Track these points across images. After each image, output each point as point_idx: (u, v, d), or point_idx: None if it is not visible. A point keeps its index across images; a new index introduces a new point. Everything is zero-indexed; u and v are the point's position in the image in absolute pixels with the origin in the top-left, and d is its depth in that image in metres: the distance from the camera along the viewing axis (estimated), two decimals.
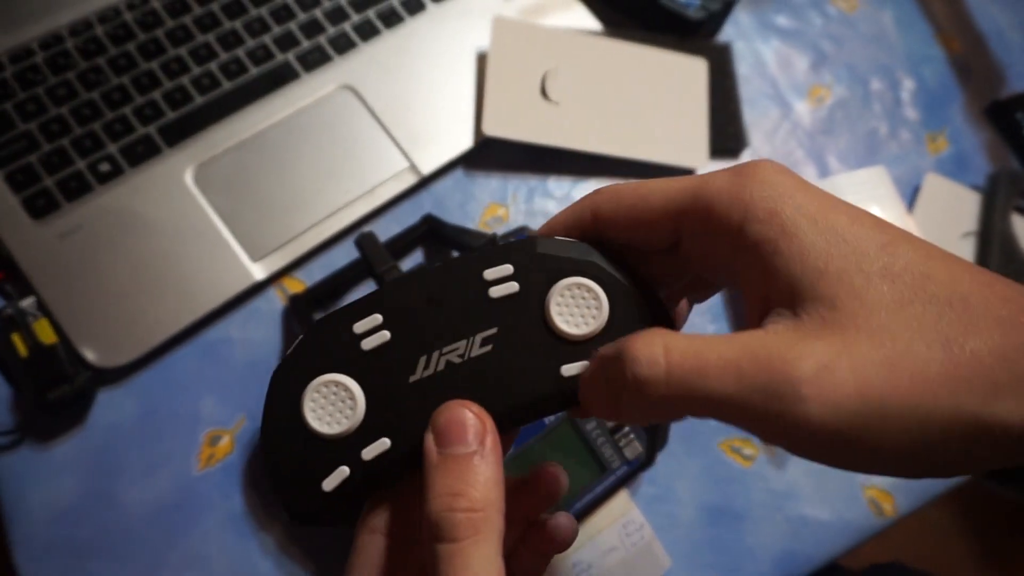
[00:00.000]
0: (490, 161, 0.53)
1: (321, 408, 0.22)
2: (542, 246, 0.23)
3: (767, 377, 0.17)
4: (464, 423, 0.21)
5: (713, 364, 0.17)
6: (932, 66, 0.62)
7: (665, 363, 0.18)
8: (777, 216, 0.19)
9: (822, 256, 0.18)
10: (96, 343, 0.43)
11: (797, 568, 0.46)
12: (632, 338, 0.19)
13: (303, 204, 0.48)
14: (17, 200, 0.45)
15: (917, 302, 0.17)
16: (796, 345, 0.17)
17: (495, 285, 0.23)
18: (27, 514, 0.42)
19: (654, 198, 0.21)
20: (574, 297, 0.22)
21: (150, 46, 0.50)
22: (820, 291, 0.18)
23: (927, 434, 0.17)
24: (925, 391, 0.16)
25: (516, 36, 0.53)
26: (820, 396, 0.16)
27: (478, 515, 0.20)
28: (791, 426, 0.17)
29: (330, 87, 0.51)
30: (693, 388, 0.18)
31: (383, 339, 0.22)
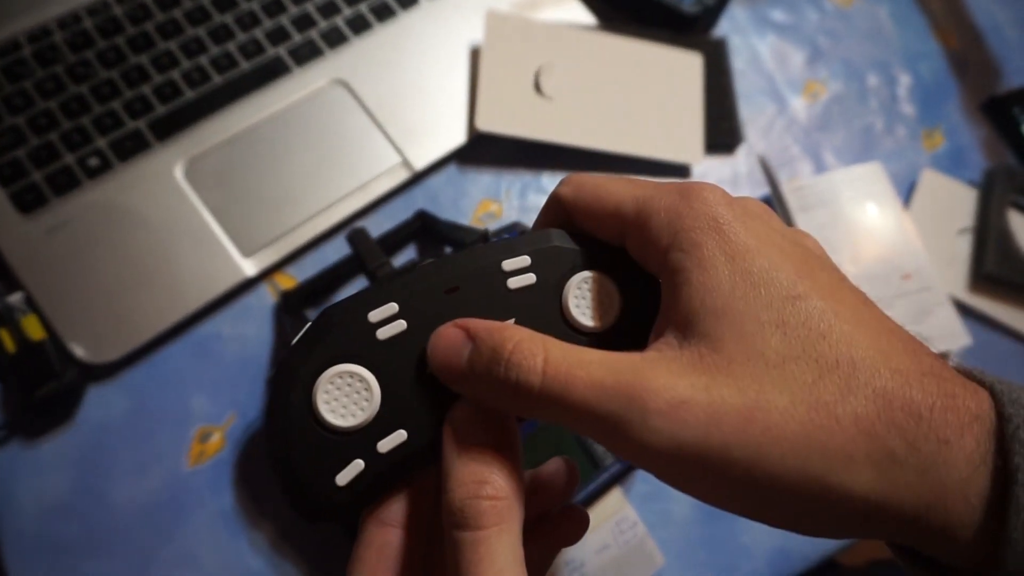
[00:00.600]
0: (483, 156, 0.52)
1: (335, 400, 0.21)
2: (558, 239, 0.23)
3: (624, 402, 0.18)
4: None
5: (580, 380, 0.18)
6: (928, 62, 0.62)
7: (542, 370, 0.19)
8: (698, 248, 0.19)
9: (724, 296, 0.18)
10: (85, 339, 0.43)
11: (792, 566, 0.45)
12: (518, 332, 0.20)
13: (294, 199, 0.47)
14: (5, 194, 0.45)
15: (800, 360, 0.18)
16: (662, 376, 0.18)
17: (513, 276, 0.22)
18: (16, 511, 0.41)
19: (607, 200, 0.22)
20: (590, 290, 0.22)
21: (140, 40, 0.49)
22: (708, 329, 0.18)
23: (767, 486, 0.17)
24: (772, 445, 0.17)
25: (510, 30, 0.53)
26: (667, 429, 0.17)
27: (503, 503, 0.19)
28: (637, 450, 0.18)
29: (322, 81, 0.51)
30: (559, 399, 0.18)
31: (399, 328, 0.22)
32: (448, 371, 0.21)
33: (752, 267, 0.19)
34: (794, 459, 0.17)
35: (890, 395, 0.17)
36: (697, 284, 0.19)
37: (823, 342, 0.18)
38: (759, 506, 0.18)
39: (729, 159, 0.56)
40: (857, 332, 0.18)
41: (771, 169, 0.55)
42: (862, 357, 0.18)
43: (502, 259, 0.22)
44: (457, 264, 0.22)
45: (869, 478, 0.17)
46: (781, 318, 0.18)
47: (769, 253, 0.19)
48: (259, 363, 0.46)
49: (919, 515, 0.17)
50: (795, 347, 0.18)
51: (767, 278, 0.19)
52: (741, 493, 0.18)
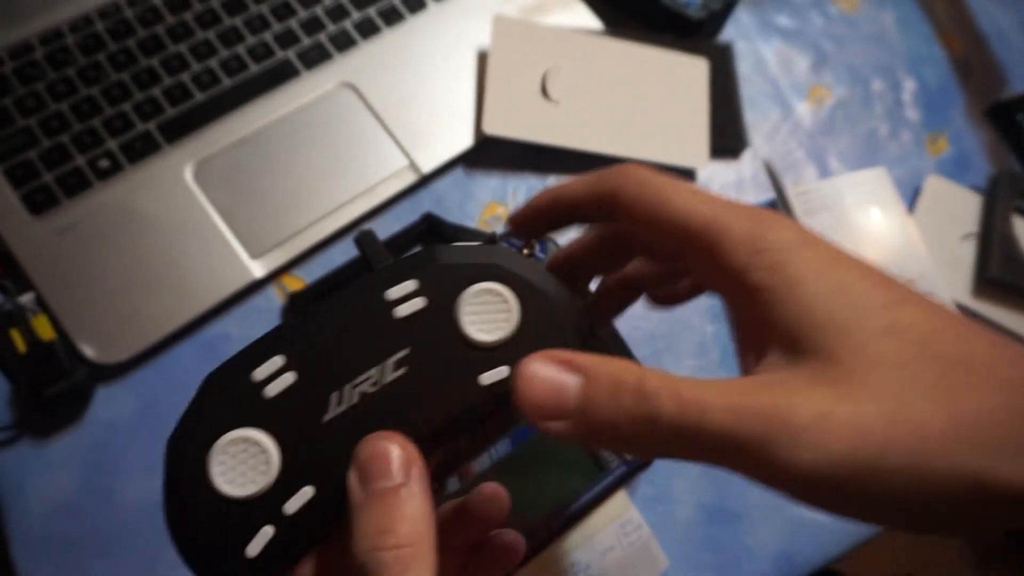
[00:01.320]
0: (490, 160, 0.53)
1: (232, 469, 0.20)
2: (443, 255, 0.22)
3: (766, 422, 0.17)
4: (387, 456, 0.20)
5: (715, 406, 0.17)
6: (933, 67, 0.62)
7: (675, 400, 0.18)
8: (782, 267, 0.19)
9: (824, 310, 0.18)
10: (95, 339, 0.43)
11: (795, 569, 0.46)
12: (643, 369, 0.19)
13: (303, 202, 0.48)
14: (16, 196, 0.45)
15: (920, 360, 0.17)
16: (795, 393, 0.17)
17: (400, 304, 0.21)
18: (25, 510, 0.42)
19: (672, 210, 0.21)
20: (484, 303, 0.22)
21: (150, 42, 0.50)
22: (820, 344, 0.18)
23: (924, 490, 0.17)
24: (923, 448, 0.17)
25: (517, 35, 0.53)
26: (816, 444, 0.17)
27: (406, 551, 0.19)
28: (785, 472, 0.17)
29: (330, 85, 0.51)
30: (695, 424, 0.17)
31: (288, 382, 0.21)
32: (551, 410, 0.19)
33: (843, 280, 0.19)
34: (947, 457, 0.16)
35: (1013, 383, 0.17)
36: (793, 301, 0.18)
37: (934, 342, 0.18)
38: (912, 512, 0.17)
39: (734, 164, 0.56)
40: (958, 330, 0.18)
41: (776, 174, 0.55)
42: (973, 352, 0.18)
43: (385, 288, 0.22)
44: (339, 302, 0.22)
45: (1020, 466, 0.16)
46: (888, 325, 0.18)
47: (851, 263, 0.19)
48: None
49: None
50: (910, 350, 0.18)
51: (860, 289, 0.19)
52: (894, 502, 0.17)
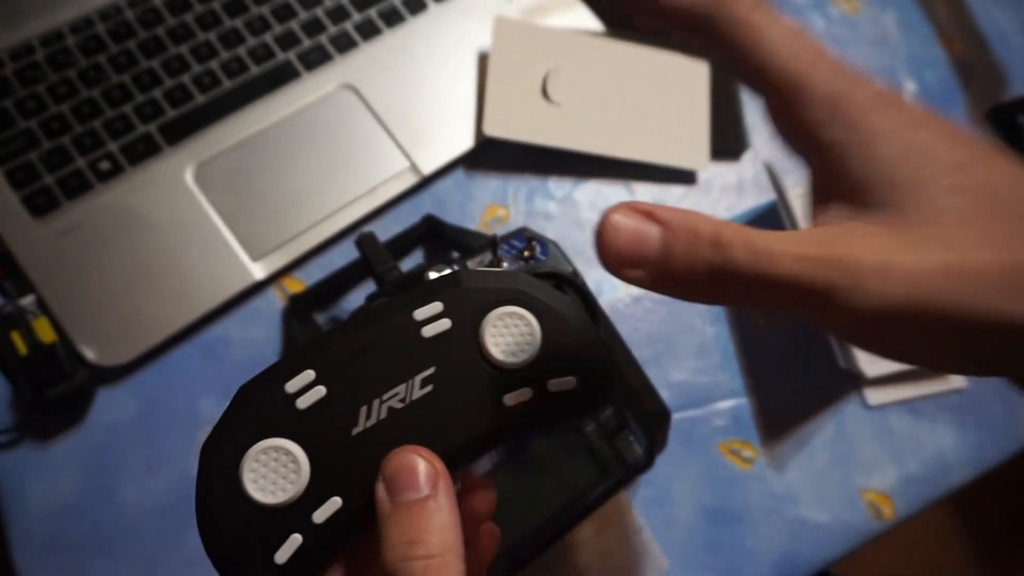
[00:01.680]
0: (491, 161, 0.53)
1: (263, 478, 0.21)
2: (467, 279, 0.23)
3: (831, 269, 0.18)
4: (414, 468, 0.21)
5: (785, 254, 0.18)
6: (934, 69, 0.62)
7: (746, 249, 0.18)
8: (857, 125, 0.20)
9: (893, 168, 0.19)
10: (95, 341, 0.43)
11: (796, 571, 0.46)
12: (719, 221, 0.19)
13: (303, 203, 0.48)
14: (17, 198, 0.45)
15: (982, 216, 0.18)
16: (860, 242, 0.18)
17: (427, 324, 0.22)
18: (26, 512, 0.42)
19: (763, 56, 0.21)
20: (507, 326, 0.22)
21: (151, 44, 0.50)
22: (886, 198, 0.19)
23: (970, 330, 0.18)
24: (974, 292, 0.18)
25: (517, 36, 0.53)
26: (877, 288, 0.18)
27: (436, 561, 0.19)
28: (847, 314, 0.18)
29: (331, 86, 0.51)
30: (765, 272, 0.18)
31: (319, 395, 0.22)
32: (632, 258, 0.19)
33: (916, 141, 0.19)
34: (993, 301, 0.17)
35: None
36: (867, 157, 0.19)
37: (998, 199, 0.19)
38: (958, 352, 0.19)
39: (735, 165, 0.56)
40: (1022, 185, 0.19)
41: (777, 175, 0.55)
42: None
43: (412, 310, 0.22)
44: (370, 320, 0.22)
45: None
46: (957, 183, 0.19)
47: (929, 124, 0.20)
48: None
49: None
50: (974, 206, 0.18)
51: (934, 149, 0.19)
52: (942, 342, 0.18)
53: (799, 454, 0.48)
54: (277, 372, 0.22)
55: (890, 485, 0.48)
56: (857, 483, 0.48)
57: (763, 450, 0.48)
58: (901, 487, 0.48)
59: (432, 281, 0.23)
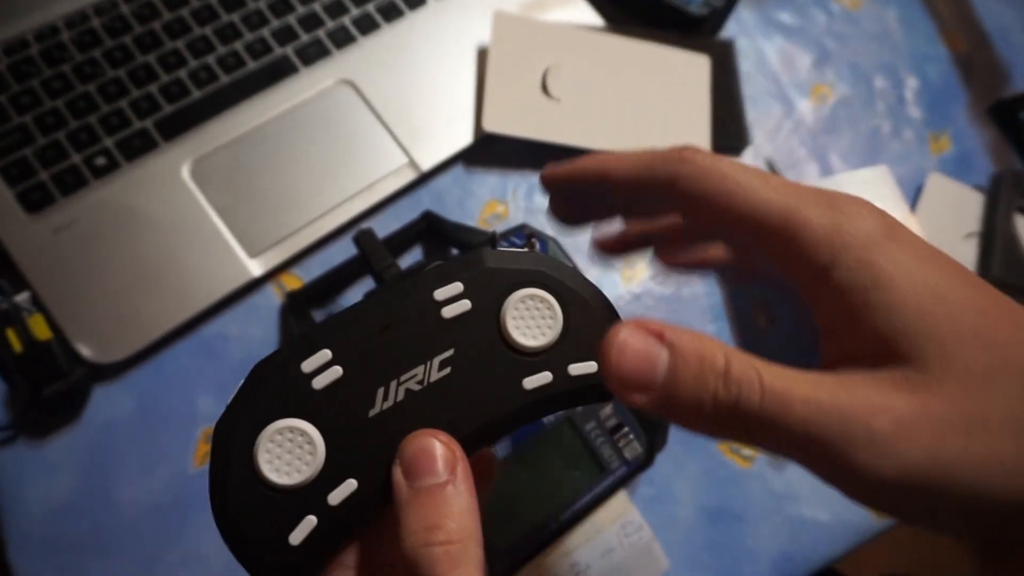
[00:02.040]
0: (490, 157, 0.52)
1: (278, 458, 0.21)
2: (490, 260, 0.23)
3: (847, 421, 0.17)
4: (432, 453, 0.20)
5: (799, 398, 0.17)
6: (936, 65, 0.62)
7: (759, 388, 0.17)
8: (870, 266, 0.18)
9: (915, 314, 0.18)
10: (92, 339, 0.43)
11: (796, 570, 0.45)
12: (730, 351, 0.18)
13: (301, 200, 0.47)
14: (12, 194, 0.45)
15: (1006, 371, 0.17)
16: (878, 396, 0.17)
17: (447, 305, 0.22)
18: (22, 511, 0.41)
19: (740, 199, 0.20)
20: (528, 309, 0.22)
21: (147, 39, 0.49)
22: (907, 351, 0.17)
23: (993, 508, 0.17)
24: (997, 466, 0.16)
25: (517, 31, 0.53)
26: (894, 452, 0.16)
27: (456, 547, 0.19)
28: (857, 474, 0.17)
29: (329, 82, 0.50)
30: (776, 418, 0.17)
31: (335, 375, 0.21)
32: (638, 381, 0.18)
33: (931, 281, 0.18)
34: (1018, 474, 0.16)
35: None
36: (881, 305, 0.18)
37: (1020, 351, 0.17)
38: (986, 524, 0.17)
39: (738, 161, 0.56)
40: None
41: (778, 172, 0.55)
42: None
43: (433, 289, 0.22)
44: (388, 300, 0.22)
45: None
46: (977, 331, 0.17)
47: (938, 260, 0.19)
48: None
49: None
50: (997, 358, 0.17)
51: (950, 292, 0.18)
52: (968, 514, 0.17)
53: None
54: (293, 350, 0.21)
55: None
56: None
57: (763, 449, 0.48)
58: None
59: (453, 260, 0.23)
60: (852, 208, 0.19)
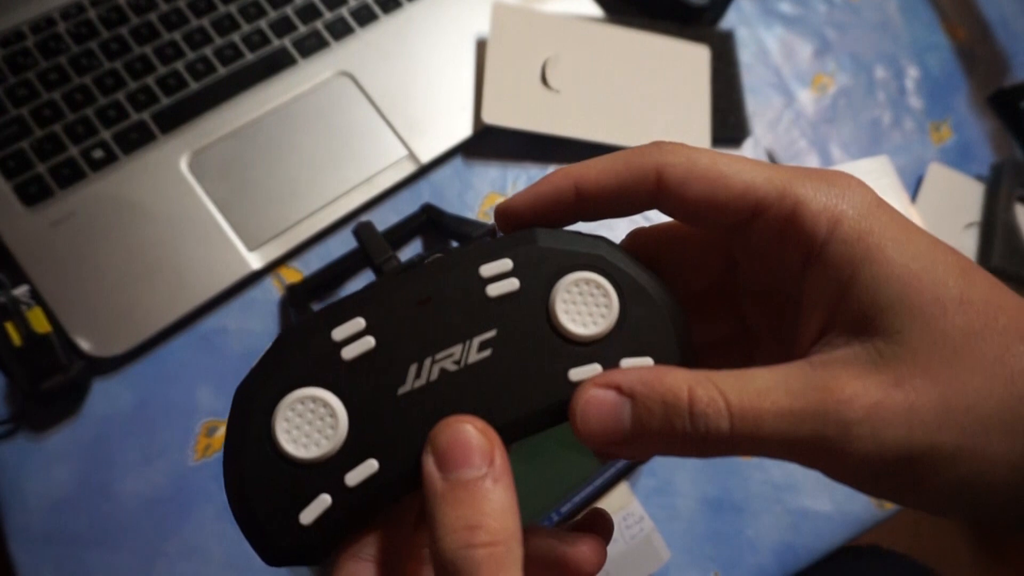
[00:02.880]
0: (489, 150, 0.52)
1: (296, 428, 0.19)
2: (544, 238, 0.21)
3: (820, 421, 0.17)
4: (469, 443, 0.19)
5: (768, 412, 0.17)
6: (936, 54, 0.62)
7: (727, 412, 0.17)
8: (864, 239, 0.18)
9: (901, 284, 0.17)
10: (91, 332, 0.42)
11: (797, 560, 0.45)
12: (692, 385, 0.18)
13: (300, 193, 0.47)
14: (9, 187, 0.44)
15: (986, 333, 0.17)
16: (850, 382, 0.17)
17: (493, 282, 0.20)
18: (22, 504, 0.41)
19: (735, 180, 0.19)
20: (581, 294, 0.20)
21: (143, 30, 0.49)
22: (887, 323, 0.17)
23: (976, 479, 0.16)
24: (978, 429, 0.16)
25: (516, 22, 0.53)
26: (869, 435, 0.16)
27: (500, 549, 0.17)
28: (838, 461, 0.17)
29: (327, 73, 0.50)
30: (750, 435, 0.17)
31: (367, 346, 0.20)
32: (606, 438, 0.18)
33: (919, 248, 0.18)
34: (1004, 442, 0.16)
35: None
36: (870, 278, 0.18)
37: (1003, 314, 0.17)
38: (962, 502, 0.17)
39: (736, 152, 0.56)
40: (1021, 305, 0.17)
41: (779, 162, 0.55)
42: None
43: (480, 264, 0.20)
44: (429, 271, 0.20)
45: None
46: (960, 295, 0.17)
47: (920, 230, 0.18)
48: None
49: None
50: (977, 323, 0.17)
51: (934, 257, 0.18)
52: (953, 488, 0.17)
53: None
54: (326, 316, 0.20)
55: None
56: None
57: None
58: None
59: (506, 236, 0.21)
60: (845, 182, 0.19)
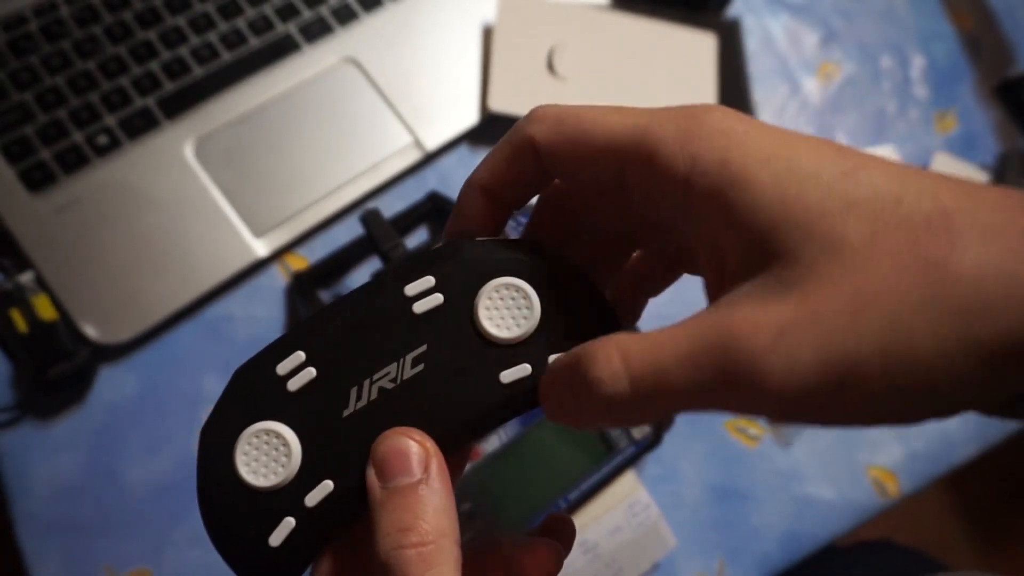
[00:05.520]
0: (496, 137, 0.51)
1: (255, 460, 0.21)
2: (466, 250, 0.22)
3: (723, 360, 0.16)
4: (405, 452, 0.20)
5: (670, 361, 0.16)
6: (942, 43, 0.62)
7: (625, 371, 0.17)
8: (727, 166, 0.17)
9: (778, 202, 0.16)
10: (97, 319, 0.42)
11: (801, 547, 0.46)
12: (587, 347, 0.18)
13: (306, 179, 0.47)
14: (13, 172, 0.44)
15: (888, 230, 0.15)
16: (751, 316, 0.16)
17: (418, 300, 0.21)
18: (29, 491, 0.41)
19: (596, 133, 0.19)
20: (503, 299, 0.21)
21: (147, 15, 0.48)
22: (776, 247, 0.16)
23: (906, 378, 0.15)
24: (900, 328, 0.15)
25: (523, 9, 0.52)
26: (780, 363, 0.15)
27: (429, 548, 0.18)
28: (758, 400, 0.16)
29: (332, 59, 0.50)
30: (655, 389, 0.17)
31: (309, 376, 0.21)
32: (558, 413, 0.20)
33: (792, 161, 0.16)
34: (929, 327, 0.15)
35: (1000, 229, 0.15)
36: (741, 202, 0.16)
37: (901, 205, 0.16)
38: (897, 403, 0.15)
39: None
40: (928, 185, 0.16)
41: None
42: (950, 206, 0.15)
43: (403, 285, 0.21)
44: (359, 299, 0.22)
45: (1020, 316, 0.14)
46: (846, 197, 0.16)
47: (800, 141, 0.17)
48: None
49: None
50: (874, 222, 0.15)
51: (812, 164, 0.16)
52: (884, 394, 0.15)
53: (804, 432, 0.48)
54: (270, 354, 0.21)
55: (895, 462, 0.48)
56: (862, 460, 0.48)
57: (769, 428, 0.48)
58: (906, 464, 0.48)
59: (428, 253, 0.22)
60: (705, 113, 0.18)
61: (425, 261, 0.22)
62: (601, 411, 0.18)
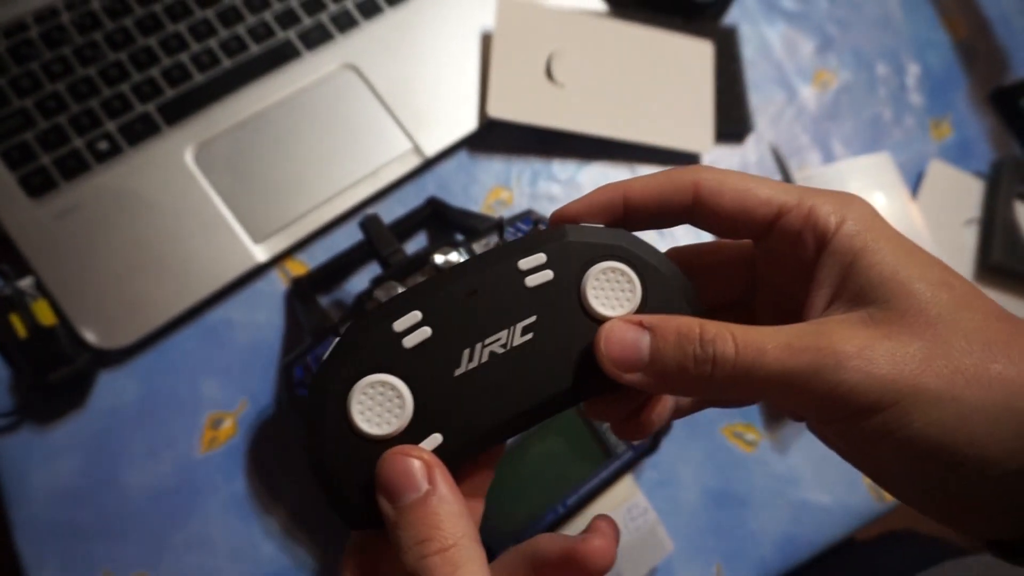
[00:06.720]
0: (494, 143, 0.52)
1: (370, 410, 0.22)
2: (573, 234, 0.24)
3: (815, 355, 0.19)
4: (407, 469, 0.21)
5: (771, 345, 0.20)
6: (937, 51, 0.62)
7: (734, 344, 0.20)
8: (863, 234, 0.22)
9: (892, 267, 0.21)
10: (96, 324, 0.42)
11: (798, 552, 0.46)
12: (704, 321, 0.21)
13: (305, 185, 0.47)
14: (14, 178, 0.44)
15: (965, 309, 0.20)
16: (845, 331, 0.20)
17: (531, 274, 0.23)
18: (28, 496, 0.41)
19: (761, 190, 0.23)
20: (608, 280, 0.23)
21: (148, 21, 0.49)
22: (878, 296, 0.21)
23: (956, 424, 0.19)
24: (959, 383, 0.19)
25: (521, 16, 0.53)
26: (861, 367, 0.19)
27: (452, 550, 0.20)
28: (831, 393, 0.19)
29: (332, 66, 0.50)
30: (753, 367, 0.20)
31: (424, 335, 0.22)
32: (626, 363, 0.21)
33: (908, 247, 0.22)
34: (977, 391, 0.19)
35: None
36: (867, 261, 0.21)
37: (978, 299, 0.21)
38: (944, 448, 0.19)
39: (738, 148, 0.56)
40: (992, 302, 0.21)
41: (783, 158, 0.55)
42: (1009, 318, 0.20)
43: (518, 259, 0.23)
44: (474, 267, 0.23)
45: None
46: (945, 280, 0.21)
47: (910, 240, 0.22)
48: (270, 349, 0.45)
49: None
50: (960, 300, 0.20)
51: (921, 257, 0.21)
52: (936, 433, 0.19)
53: (801, 437, 0.48)
54: (387, 310, 0.23)
55: None
56: None
57: (766, 433, 0.48)
58: None
59: (538, 233, 0.24)
60: (850, 196, 0.23)
61: (536, 239, 0.23)
62: (695, 372, 0.21)
